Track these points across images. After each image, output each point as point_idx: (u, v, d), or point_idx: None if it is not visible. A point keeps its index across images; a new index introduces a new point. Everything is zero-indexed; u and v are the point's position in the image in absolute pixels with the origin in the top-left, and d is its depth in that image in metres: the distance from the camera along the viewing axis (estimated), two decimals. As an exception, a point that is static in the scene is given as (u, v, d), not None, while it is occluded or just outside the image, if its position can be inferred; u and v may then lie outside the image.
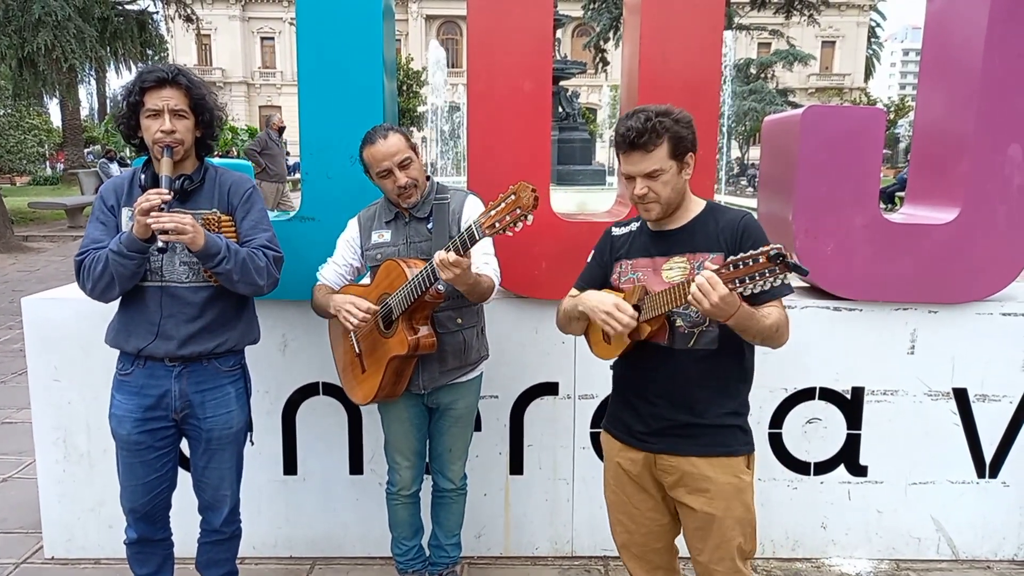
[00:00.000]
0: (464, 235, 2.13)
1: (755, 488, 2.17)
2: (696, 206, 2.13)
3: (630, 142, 2.00)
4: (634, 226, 2.23)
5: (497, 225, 2.04)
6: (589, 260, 2.32)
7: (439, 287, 2.32)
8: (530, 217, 2.00)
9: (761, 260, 1.68)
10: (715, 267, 1.79)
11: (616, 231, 2.27)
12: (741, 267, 1.72)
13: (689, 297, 1.81)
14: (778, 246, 1.66)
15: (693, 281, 1.80)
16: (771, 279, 1.68)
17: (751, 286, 1.71)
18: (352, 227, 2.70)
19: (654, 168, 2.00)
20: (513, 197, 2.01)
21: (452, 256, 2.13)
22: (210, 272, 2.30)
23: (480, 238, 2.10)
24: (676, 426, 2.11)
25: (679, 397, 2.10)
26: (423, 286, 2.29)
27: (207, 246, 2.20)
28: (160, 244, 2.14)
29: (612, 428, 2.29)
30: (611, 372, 2.31)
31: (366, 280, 2.71)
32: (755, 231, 2.05)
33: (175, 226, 2.12)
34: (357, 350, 2.60)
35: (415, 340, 2.40)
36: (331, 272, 2.68)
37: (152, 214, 2.11)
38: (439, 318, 2.52)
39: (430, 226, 2.55)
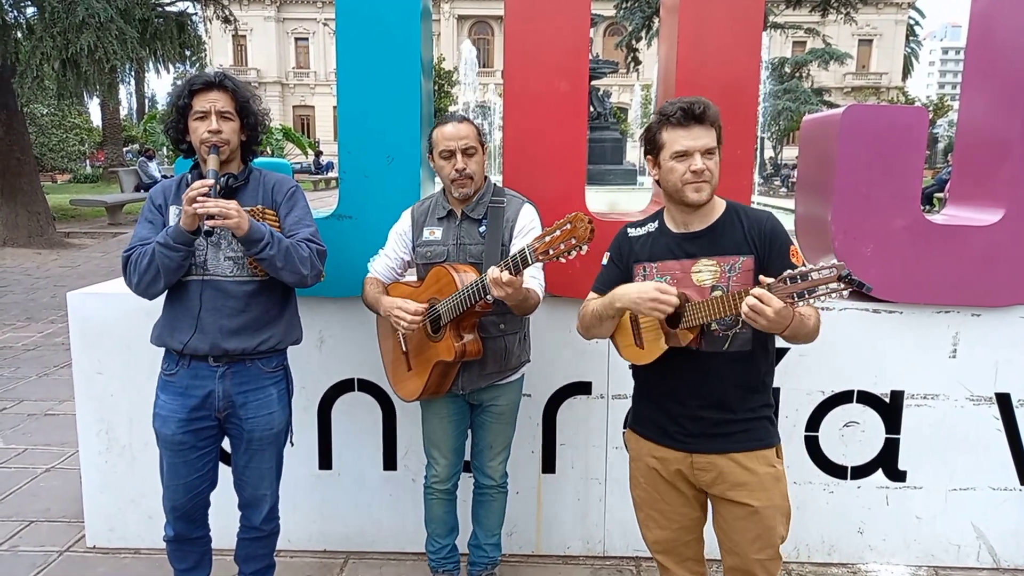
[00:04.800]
0: (517, 258, 2.14)
1: (790, 491, 2.17)
2: (719, 205, 2.11)
3: (695, 115, 1.98)
4: (651, 227, 2.18)
5: (551, 252, 2.05)
6: (605, 263, 2.27)
7: (488, 299, 2.33)
8: (584, 248, 2.00)
9: (830, 276, 1.67)
10: (769, 281, 1.78)
11: (633, 232, 2.21)
12: (800, 282, 1.71)
13: (743, 316, 1.81)
14: (841, 264, 1.66)
15: (743, 295, 1.80)
16: (833, 295, 1.68)
17: (812, 300, 1.71)
18: (405, 219, 2.70)
19: (712, 145, 2.00)
20: (569, 227, 2.01)
21: (506, 276, 2.14)
22: (255, 261, 2.34)
23: (532, 263, 2.12)
24: (711, 425, 2.10)
25: (713, 397, 2.09)
26: (473, 298, 2.31)
27: (251, 231, 2.25)
28: (206, 228, 2.19)
29: (640, 428, 2.27)
30: (632, 373, 2.29)
31: (412, 277, 2.73)
32: (782, 234, 2.07)
33: (219, 211, 2.17)
34: (404, 348, 2.63)
35: (462, 347, 2.43)
36: (382, 265, 2.69)
37: (198, 199, 2.17)
38: (483, 323, 2.54)
39: (482, 229, 2.54)
